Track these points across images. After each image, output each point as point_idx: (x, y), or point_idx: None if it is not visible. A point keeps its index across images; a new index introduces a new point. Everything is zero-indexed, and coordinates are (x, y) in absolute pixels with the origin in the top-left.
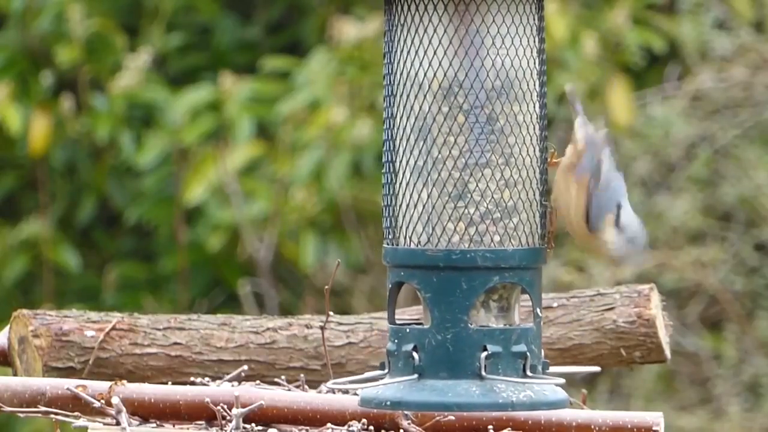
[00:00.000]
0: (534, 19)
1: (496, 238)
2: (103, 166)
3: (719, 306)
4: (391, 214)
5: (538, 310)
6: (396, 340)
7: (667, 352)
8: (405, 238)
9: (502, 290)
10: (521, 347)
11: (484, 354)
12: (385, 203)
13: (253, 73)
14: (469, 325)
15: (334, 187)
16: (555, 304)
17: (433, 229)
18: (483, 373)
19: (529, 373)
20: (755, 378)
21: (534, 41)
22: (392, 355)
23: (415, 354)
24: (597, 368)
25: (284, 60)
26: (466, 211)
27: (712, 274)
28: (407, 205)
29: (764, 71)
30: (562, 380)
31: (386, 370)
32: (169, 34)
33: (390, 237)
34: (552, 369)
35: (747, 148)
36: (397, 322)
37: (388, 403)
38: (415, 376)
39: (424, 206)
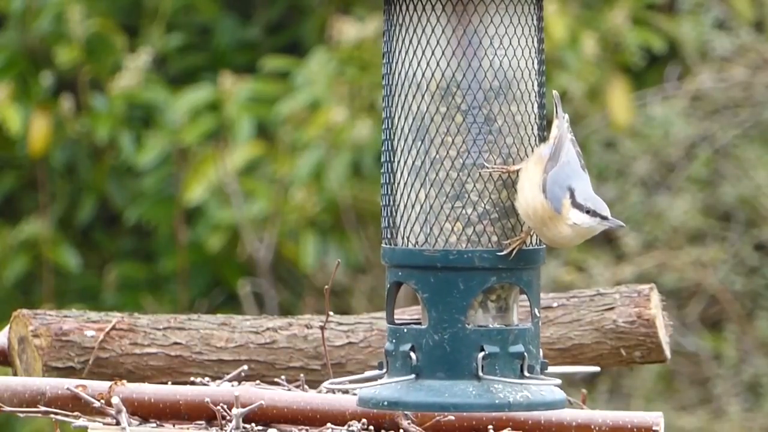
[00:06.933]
0: (533, 20)
1: (494, 238)
2: (103, 166)
3: (719, 306)
4: (389, 214)
5: (536, 310)
6: (394, 340)
7: (667, 352)
8: (403, 238)
9: (500, 290)
10: (519, 347)
11: (481, 354)
12: (384, 203)
13: (253, 73)
14: (467, 325)
15: (334, 187)
16: (555, 304)
17: (431, 229)
18: (480, 373)
19: (526, 373)
20: (755, 378)
21: (533, 42)
22: (390, 355)
23: (412, 354)
24: (596, 368)
25: (284, 60)
26: (464, 211)
27: (712, 274)
28: (405, 206)
29: (764, 71)
30: (559, 381)
31: (384, 370)
32: (169, 34)
33: (388, 237)
34: (551, 369)
35: (747, 148)
36: (396, 321)
37: (386, 403)
38: (413, 376)
39: (422, 206)
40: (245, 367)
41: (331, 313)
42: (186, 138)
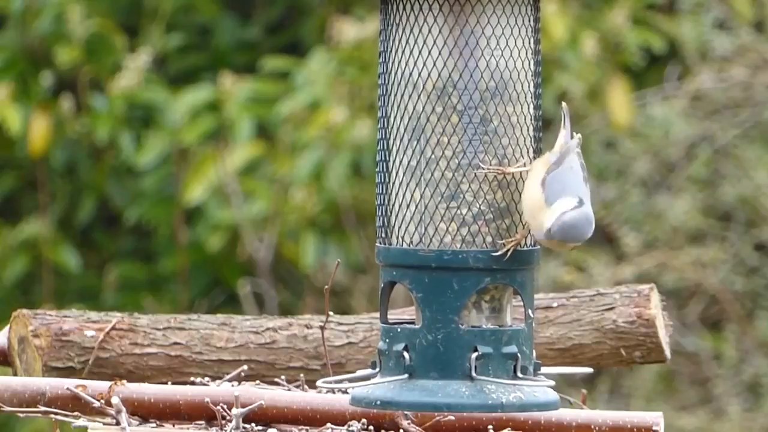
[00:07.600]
0: (529, 20)
1: (489, 238)
2: (103, 166)
3: (719, 306)
4: (384, 213)
5: (530, 311)
6: (387, 340)
7: (667, 352)
8: (397, 237)
9: (494, 291)
10: (512, 348)
11: (474, 355)
12: (379, 203)
13: (253, 73)
14: (460, 325)
15: (334, 187)
16: (555, 304)
17: (426, 229)
18: (473, 373)
19: (519, 374)
20: (755, 378)
21: (529, 42)
22: (383, 354)
23: (406, 354)
24: (589, 369)
25: (284, 60)
26: (459, 211)
27: (712, 274)
28: (400, 205)
29: (764, 71)
30: (552, 382)
31: (377, 369)
32: (169, 34)
33: (383, 236)
34: (544, 369)
35: (747, 148)
36: (390, 321)
37: (378, 402)
38: (406, 375)
39: (417, 206)
40: (245, 367)
41: (331, 313)
42: (186, 138)
